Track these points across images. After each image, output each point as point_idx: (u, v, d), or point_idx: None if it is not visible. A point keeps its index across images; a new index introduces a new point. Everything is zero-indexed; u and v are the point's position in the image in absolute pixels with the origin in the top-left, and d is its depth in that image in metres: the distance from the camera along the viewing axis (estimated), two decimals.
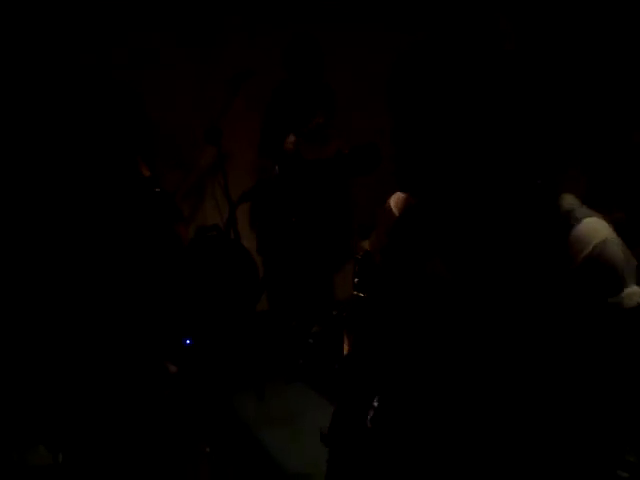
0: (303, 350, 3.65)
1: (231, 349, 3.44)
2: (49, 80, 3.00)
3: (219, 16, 3.91)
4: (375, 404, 1.10)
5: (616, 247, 0.94)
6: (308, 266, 3.68)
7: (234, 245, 3.64)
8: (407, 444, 1.04)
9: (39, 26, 3.35)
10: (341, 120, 3.64)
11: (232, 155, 3.86)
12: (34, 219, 2.13)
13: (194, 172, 4.03)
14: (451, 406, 0.99)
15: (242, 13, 3.93)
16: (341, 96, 3.73)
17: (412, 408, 1.05)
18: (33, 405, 1.91)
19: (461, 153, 0.92)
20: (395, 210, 1.12)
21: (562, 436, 0.95)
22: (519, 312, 0.94)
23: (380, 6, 4.02)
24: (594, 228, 0.94)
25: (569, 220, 0.94)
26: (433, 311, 1.01)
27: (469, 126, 0.90)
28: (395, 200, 1.13)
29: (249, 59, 3.64)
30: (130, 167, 1.76)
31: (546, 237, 0.94)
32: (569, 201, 0.98)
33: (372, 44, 3.88)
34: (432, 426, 1.02)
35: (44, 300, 1.86)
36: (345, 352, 1.22)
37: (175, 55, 3.78)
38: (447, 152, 0.92)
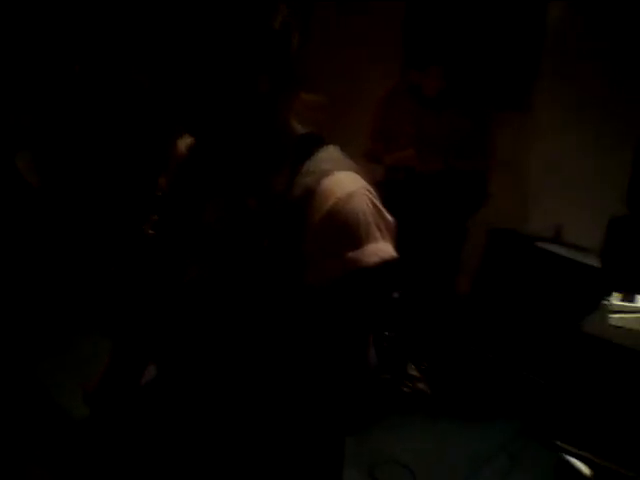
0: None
1: None
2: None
3: None
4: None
5: (362, 201, 0.89)
6: None
7: None
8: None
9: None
10: None
11: None
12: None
13: None
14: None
15: None
16: None
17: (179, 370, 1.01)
18: None
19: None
20: (184, 149, 1.09)
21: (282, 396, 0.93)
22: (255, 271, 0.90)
23: None
24: (341, 181, 0.89)
25: (323, 174, 0.90)
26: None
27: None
28: (184, 141, 1.10)
29: None
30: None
31: (297, 191, 0.90)
32: (330, 154, 0.94)
33: None
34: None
35: None
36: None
37: None
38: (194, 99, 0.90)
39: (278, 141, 0.94)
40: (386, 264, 0.89)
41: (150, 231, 1.05)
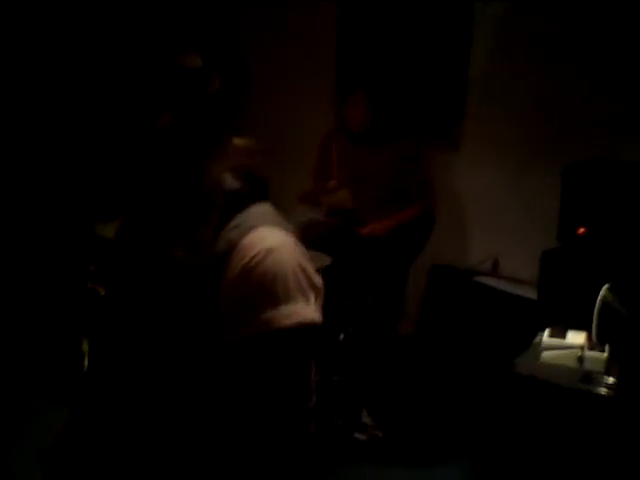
0: None
1: None
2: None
3: None
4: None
5: (282, 258, 0.84)
6: None
7: None
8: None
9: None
10: None
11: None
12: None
13: None
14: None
15: None
16: None
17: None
18: None
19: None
20: None
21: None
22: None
23: None
24: (264, 236, 0.85)
25: (248, 229, 0.86)
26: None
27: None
28: None
29: None
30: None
31: (220, 245, 0.87)
32: (260, 210, 0.90)
33: None
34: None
35: None
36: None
37: None
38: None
39: (204, 194, 0.90)
40: (303, 328, 0.84)
41: (90, 284, 1.02)
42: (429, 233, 3.41)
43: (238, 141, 0.94)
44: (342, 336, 3.00)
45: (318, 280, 0.89)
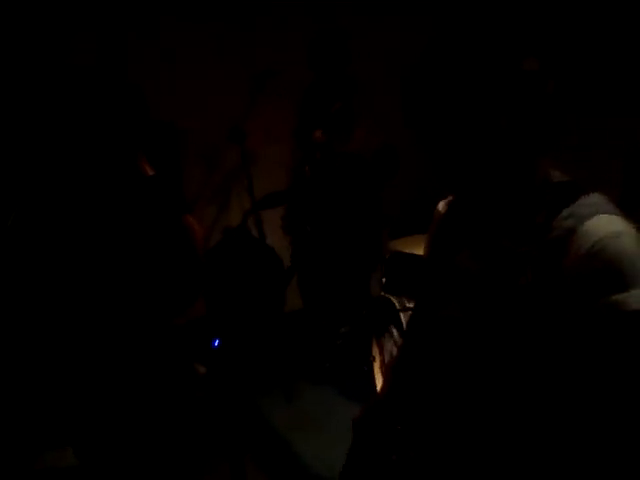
0: (331, 351, 3.61)
1: (259, 350, 3.41)
2: (46, 76, 2.98)
3: (246, 15, 3.89)
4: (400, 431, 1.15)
5: (628, 242, 0.86)
6: (339, 265, 3.64)
7: (259, 245, 3.61)
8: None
9: (39, 20, 3.33)
10: (365, 107, 3.57)
11: (257, 155, 3.84)
12: (33, 217, 2.11)
13: (219, 173, 4.02)
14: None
15: (269, 12, 3.91)
16: (369, 84, 3.64)
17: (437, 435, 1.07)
18: (61, 407, 1.90)
19: (475, 154, 0.95)
20: (442, 209, 1.19)
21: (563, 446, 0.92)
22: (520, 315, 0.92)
23: None
24: (604, 223, 0.88)
25: (585, 217, 0.90)
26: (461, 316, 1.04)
27: (480, 129, 0.93)
28: (444, 201, 1.20)
29: (275, 58, 3.61)
30: (130, 164, 1.71)
31: (556, 232, 0.91)
32: (593, 199, 0.93)
33: (399, 32, 3.84)
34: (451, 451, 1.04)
35: (57, 303, 1.84)
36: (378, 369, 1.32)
37: (200, 54, 3.77)
38: (463, 153, 0.96)
39: (535, 187, 0.97)
40: None
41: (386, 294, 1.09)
42: None
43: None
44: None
45: None
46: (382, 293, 3.04)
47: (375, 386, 3.01)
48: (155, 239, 1.69)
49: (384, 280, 3.11)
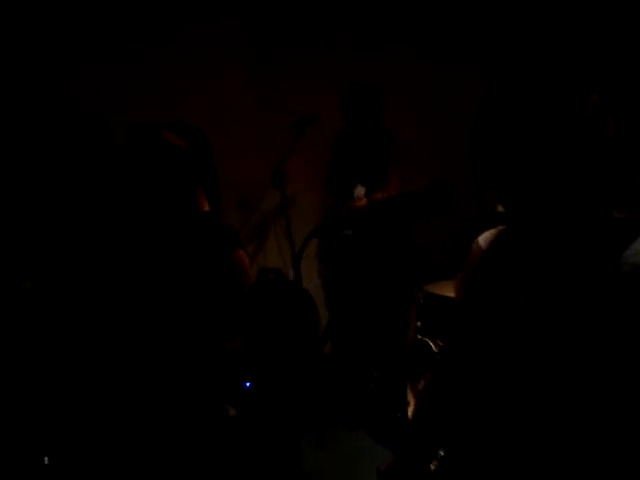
0: (365, 396, 3.57)
1: (292, 393, 3.40)
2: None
3: (283, 64, 4.02)
4: (441, 453, 1.10)
5: None
6: (373, 308, 3.63)
7: (295, 288, 3.64)
8: None
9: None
10: (399, 155, 3.61)
11: (295, 199, 3.91)
12: (96, 250, 2.19)
13: (257, 214, 4.10)
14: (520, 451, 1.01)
15: (304, 61, 4.03)
16: (402, 134, 3.70)
17: (480, 457, 1.07)
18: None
19: (542, 192, 0.95)
20: (483, 245, 1.18)
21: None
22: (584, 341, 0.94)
23: (443, 38, 4.01)
24: None
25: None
26: (519, 348, 1.03)
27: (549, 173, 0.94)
28: (484, 237, 1.19)
29: (312, 105, 3.70)
30: (189, 201, 1.81)
31: (625, 269, 0.93)
32: None
33: (433, 76, 3.89)
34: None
35: (107, 330, 1.89)
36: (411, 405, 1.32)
37: (242, 101, 3.91)
38: (530, 191, 0.96)
39: (596, 225, 0.98)
40: None
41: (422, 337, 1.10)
42: None
43: None
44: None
45: None
46: (418, 337, 3.02)
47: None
48: (209, 270, 1.74)
49: (419, 324, 3.09)
